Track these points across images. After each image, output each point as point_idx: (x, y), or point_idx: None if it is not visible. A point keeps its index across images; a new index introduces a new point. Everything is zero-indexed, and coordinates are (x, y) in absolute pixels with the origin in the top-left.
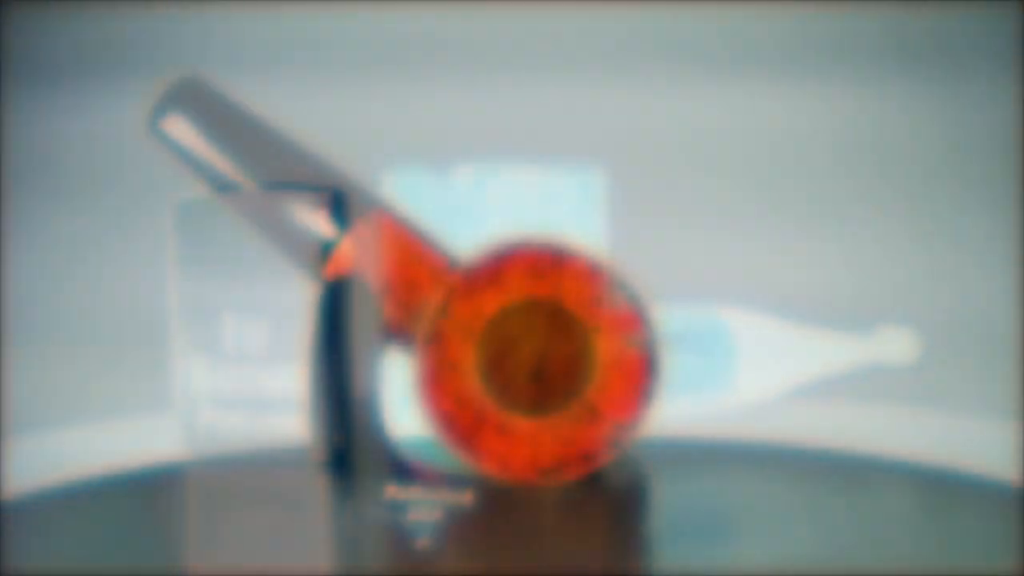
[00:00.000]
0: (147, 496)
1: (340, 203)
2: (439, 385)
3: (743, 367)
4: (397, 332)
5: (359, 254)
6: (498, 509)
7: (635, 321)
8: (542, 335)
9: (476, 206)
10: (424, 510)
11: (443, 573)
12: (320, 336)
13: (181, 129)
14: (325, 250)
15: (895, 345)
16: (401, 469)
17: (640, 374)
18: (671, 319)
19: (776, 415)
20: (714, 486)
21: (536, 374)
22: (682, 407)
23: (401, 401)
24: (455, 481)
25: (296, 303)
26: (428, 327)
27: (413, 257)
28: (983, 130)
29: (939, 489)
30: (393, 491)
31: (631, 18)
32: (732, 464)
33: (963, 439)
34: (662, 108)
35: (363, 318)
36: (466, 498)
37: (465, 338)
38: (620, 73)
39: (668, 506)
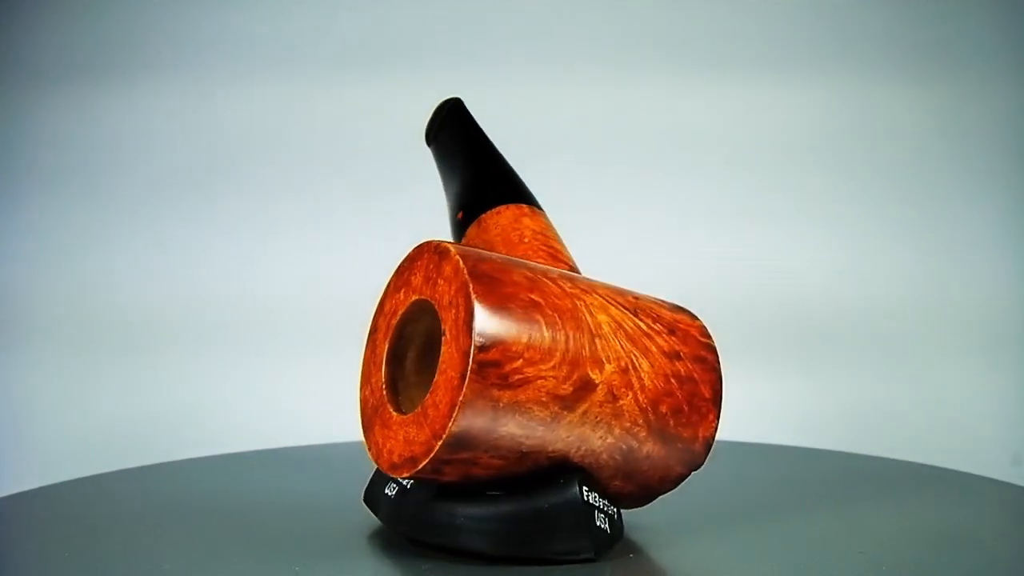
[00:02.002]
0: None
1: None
2: (365, 375)
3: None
4: None
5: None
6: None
7: (468, 330)
8: (424, 335)
9: None
10: None
11: None
12: None
13: (444, 145)
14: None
15: None
16: None
17: (457, 386)
18: None
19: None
20: None
21: (418, 371)
22: None
23: None
24: None
25: None
26: (372, 320)
27: (544, 250)
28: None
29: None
30: None
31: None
32: None
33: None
34: (662, 106)
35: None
36: None
37: (385, 334)
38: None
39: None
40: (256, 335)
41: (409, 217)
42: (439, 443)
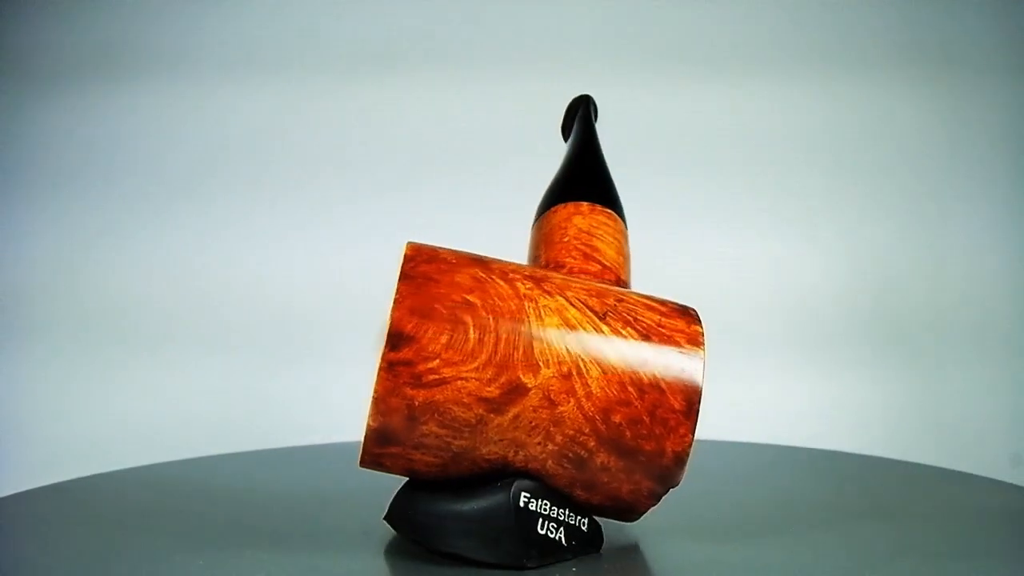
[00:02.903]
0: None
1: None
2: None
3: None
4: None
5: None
6: None
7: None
8: None
9: None
10: None
11: None
12: None
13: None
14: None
15: None
16: None
17: (376, 385)
18: None
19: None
20: None
21: None
22: None
23: None
24: None
25: None
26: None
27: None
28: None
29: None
30: None
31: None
32: None
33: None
34: (664, 107)
35: None
36: None
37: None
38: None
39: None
40: (257, 335)
41: (410, 218)
42: (363, 437)
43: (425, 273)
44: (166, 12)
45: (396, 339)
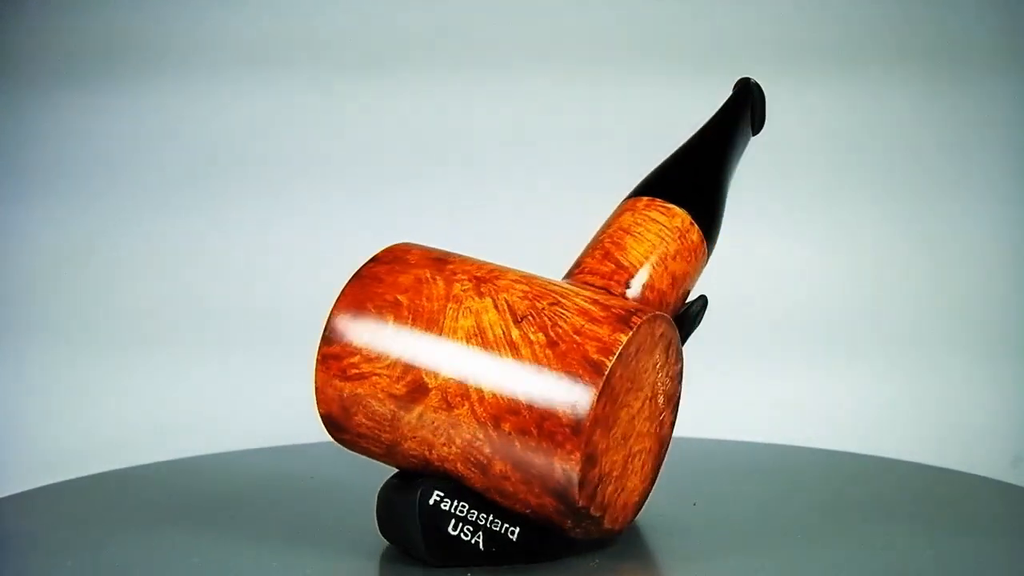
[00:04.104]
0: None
1: None
2: None
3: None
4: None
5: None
6: None
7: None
8: None
9: None
10: None
11: None
12: None
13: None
14: None
15: None
16: None
17: (314, 376)
18: None
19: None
20: None
21: None
22: None
23: None
24: None
25: None
26: None
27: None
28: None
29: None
30: None
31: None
32: None
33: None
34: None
35: None
36: None
37: None
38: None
39: None
40: (258, 335)
41: (411, 218)
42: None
43: (376, 273)
44: (165, 11)
45: (330, 334)
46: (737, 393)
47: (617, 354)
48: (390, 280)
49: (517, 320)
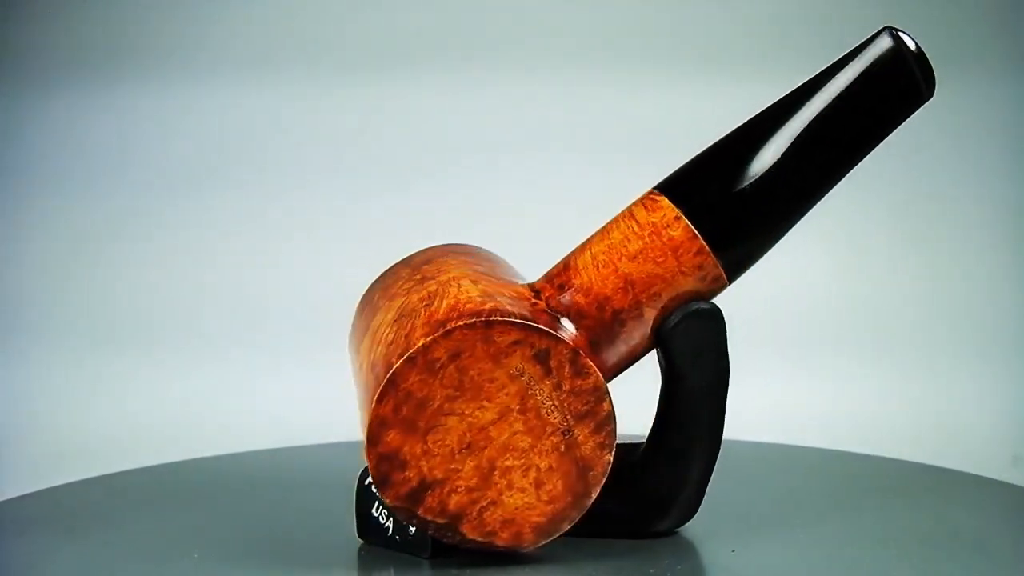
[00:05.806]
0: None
1: None
2: None
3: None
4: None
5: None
6: None
7: None
8: None
9: None
10: None
11: None
12: None
13: None
14: None
15: None
16: None
17: None
18: None
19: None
20: None
21: None
22: None
23: None
24: None
25: None
26: None
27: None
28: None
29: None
30: None
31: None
32: None
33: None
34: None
35: None
36: None
37: None
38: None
39: None
40: (258, 336)
41: (411, 218)
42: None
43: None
44: (166, 12)
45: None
46: (737, 393)
47: (406, 357)
48: (391, 279)
49: (401, 316)
